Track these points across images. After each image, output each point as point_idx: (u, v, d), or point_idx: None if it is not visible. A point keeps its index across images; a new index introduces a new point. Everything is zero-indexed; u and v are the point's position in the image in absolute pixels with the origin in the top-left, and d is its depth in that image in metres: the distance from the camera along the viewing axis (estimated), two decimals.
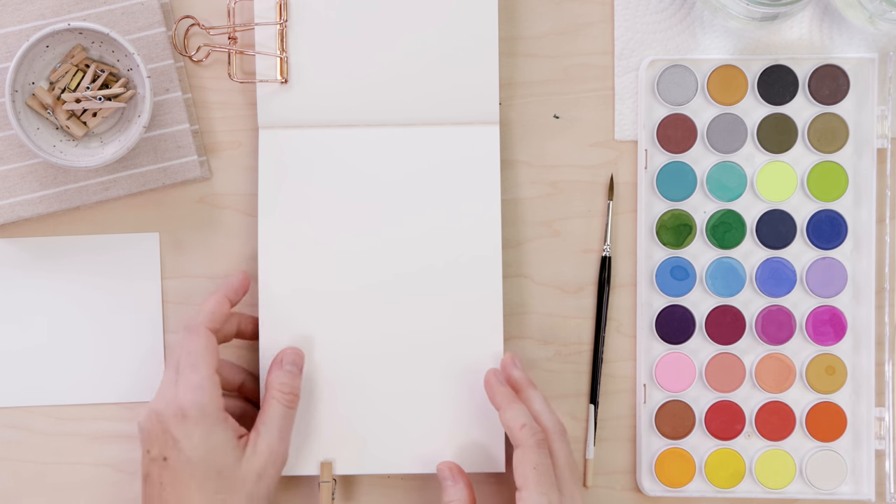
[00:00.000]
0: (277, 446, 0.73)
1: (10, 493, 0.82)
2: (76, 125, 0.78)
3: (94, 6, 0.79)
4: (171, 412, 0.71)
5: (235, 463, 0.72)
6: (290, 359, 0.76)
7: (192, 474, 0.70)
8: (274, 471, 0.73)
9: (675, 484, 0.82)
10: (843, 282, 0.82)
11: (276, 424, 0.74)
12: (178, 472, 0.71)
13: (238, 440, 0.72)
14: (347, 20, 0.79)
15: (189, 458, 0.70)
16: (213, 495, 0.70)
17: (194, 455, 0.70)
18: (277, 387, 0.75)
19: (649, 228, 0.82)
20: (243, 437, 0.73)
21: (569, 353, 0.83)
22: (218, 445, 0.71)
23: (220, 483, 0.71)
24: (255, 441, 0.73)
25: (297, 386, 0.76)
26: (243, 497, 0.71)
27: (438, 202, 0.79)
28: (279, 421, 0.74)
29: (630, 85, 0.82)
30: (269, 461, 0.73)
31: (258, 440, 0.73)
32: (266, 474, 0.73)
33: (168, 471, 0.71)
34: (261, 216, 0.79)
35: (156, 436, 0.72)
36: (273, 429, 0.73)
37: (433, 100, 0.79)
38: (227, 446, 0.72)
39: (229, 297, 0.77)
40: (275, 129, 0.80)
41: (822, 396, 0.83)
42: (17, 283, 0.82)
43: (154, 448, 0.72)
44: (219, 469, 0.71)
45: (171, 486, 0.71)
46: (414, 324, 0.79)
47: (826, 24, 0.82)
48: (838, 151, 0.82)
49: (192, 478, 0.70)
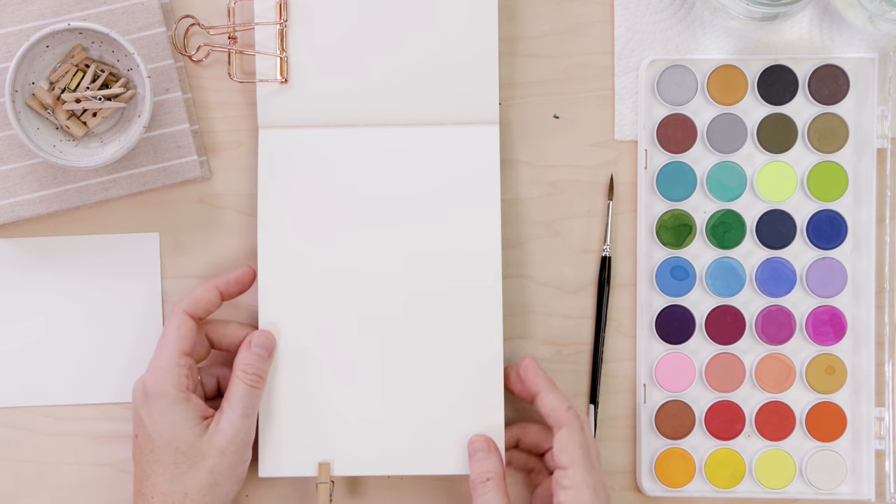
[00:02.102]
0: (240, 424, 0.75)
1: (10, 493, 0.82)
2: (76, 125, 0.78)
3: (94, 6, 0.79)
4: (137, 391, 0.75)
5: (196, 439, 0.74)
6: (258, 341, 0.78)
7: (152, 450, 0.74)
8: (236, 447, 0.75)
9: (675, 484, 0.82)
10: (843, 282, 0.82)
11: (240, 402, 0.76)
12: (142, 448, 0.75)
13: (202, 420, 0.75)
14: (347, 20, 0.79)
15: (149, 435, 0.74)
16: (173, 469, 0.74)
17: (153, 431, 0.74)
18: (242, 367, 0.77)
19: (649, 228, 0.82)
20: (208, 417, 0.76)
21: (569, 353, 0.83)
22: (177, 422, 0.74)
23: (179, 458, 0.74)
24: (218, 419, 0.75)
25: (262, 368, 0.77)
26: (203, 472, 0.74)
27: (438, 202, 0.79)
28: (243, 399, 0.76)
29: (630, 85, 0.82)
30: (231, 438, 0.75)
31: (221, 418, 0.75)
32: (228, 451, 0.75)
33: (137, 448, 0.76)
34: (261, 216, 0.79)
35: (133, 416, 0.76)
36: (237, 407, 0.75)
37: (433, 100, 0.79)
38: (186, 424, 0.74)
39: (220, 287, 0.78)
40: (275, 129, 0.80)
41: (822, 396, 0.83)
42: (17, 283, 0.82)
43: (134, 427, 0.76)
44: (177, 445, 0.74)
45: (138, 462, 0.75)
46: (414, 324, 0.79)
47: (826, 24, 0.82)
48: (838, 151, 0.82)
49: (152, 453, 0.74)
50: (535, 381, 0.77)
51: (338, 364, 0.79)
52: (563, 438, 0.74)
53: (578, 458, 0.73)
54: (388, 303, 0.79)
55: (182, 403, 0.74)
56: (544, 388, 0.76)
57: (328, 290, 0.79)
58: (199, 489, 0.74)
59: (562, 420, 0.75)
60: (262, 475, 0.79)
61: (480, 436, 0.78)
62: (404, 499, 0.82)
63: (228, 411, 0.75)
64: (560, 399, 0.75)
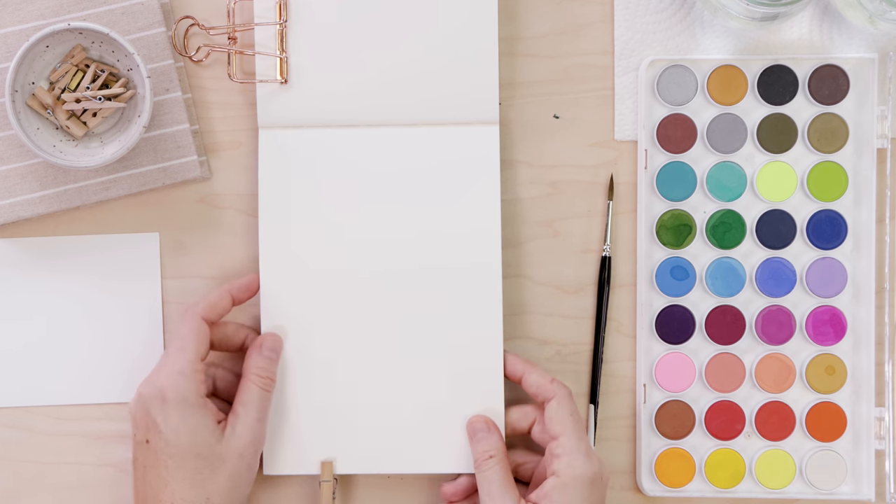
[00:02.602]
0: (257, 427, 0.75)
1: (10, 493, 0.82)
2: (76, 125, 0.78)
3: (94, 6, 0.79)
4: (152, 396, 0.74)
5: (215, 444, 0.74)
6: (268, 344, 0.78)
7: (171, 455, 0.73)
8: (253, 450, 0.75)
9: (675, 484, 0.82)
10: (843, 282, 0.82)
11: (255, 406, 0.75)
12: (158, 454, 0.73)
13: (217, 424, 0.74)
14: (347, 20, 0.79)
15: (168, 441, 0.73)
16: (194, 475, 0.73)
17: (173, 437, 0.73)
18: (255, 371, 0.76)
19: (649, 228, 0.82)
20: (222, 421, 0.75)
21: (569, 353, 0.83)
22: (197, 428, 0.73)
23: (200, 463, 0.73)
24: (233, 423, 0.75)
25: (273, 371, 0.78)
26: (224, 476, 0.74)
27: (438, 202, 0.79)
28: (257, 403, 0.76)
29: (630, 85, 0.82)
30: (248, 442, 0.75)
31: (237, 422, 0.75)
32: (246, 454, 0.74)
33: (150, 453, 0.73)
34: (261, 216, 0.79)
35: (140, 419, 0.74)
36: (252, 410, 0.75)
37: (433, 100, 0.79)
38: (206, 429, 0.73)
39: (233, 292, 0.78)
40: (275, 129, 0.80)
41: (822, 396, 0.83)
42: (17, 283, 0.82)
43: (139, 431, 0.74)
44: (198, 451, 0.73)
45: (153, 468, 0.73)
46: (414, 324, 0.79)
47: (826, 24, 0.82)
48: (838, 151, 0.82)
49: (171, 459, 0.73)
50: (515, 366, 0.79)
51: (340, 363, 0.79)
52: (552, 408, 0.76)
53: (569, 426, 0.75)
54: (388, 302, 0.79)
55: (202, 409, 0.74)
56: (527, 368, 0.78)
57: (329, 290, 0.79)
58: (220, 493, 0.73)
59: (549, 392, 0.77)
60: (266, 473, 0.79)
61: (479, 416, 0.78)
62: (404, 499, 0.82)
63: (244, 415, 0.75)
64: (543, 374, 0.77)
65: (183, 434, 0.73)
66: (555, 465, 0.74)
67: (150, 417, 0.74)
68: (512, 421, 0.79)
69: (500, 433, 0.78)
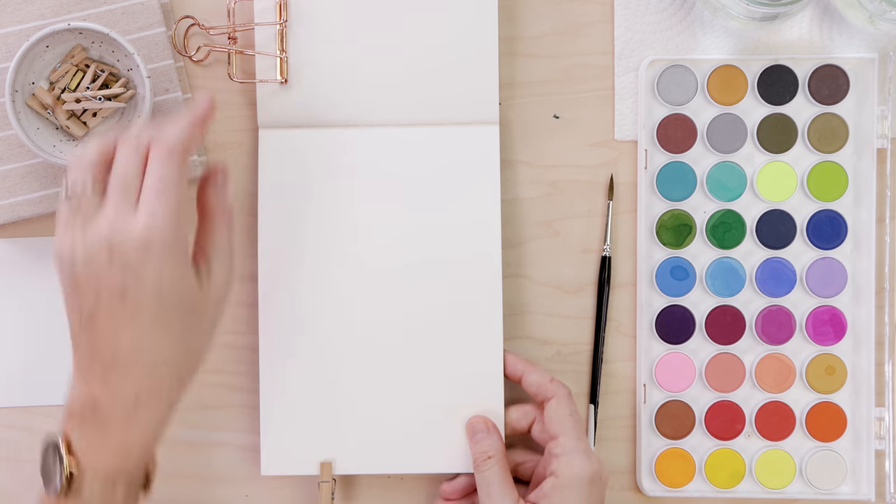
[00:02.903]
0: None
1: (10, 493, 0.82)
2: (76, 125, 0.78)
3: (94, 6, 0.79)
4: (132, 243, 0.65)
5: (198, 293, 0.68)
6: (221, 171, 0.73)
7: (157, 306, 0.66)
8: (226, 298, 0.71)
9: (675, 484, 0.82)
10: (843, 282, 0.82)
11: (227, 249, 0.71)
12: (140, 308, 0.65)
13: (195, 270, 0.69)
14: (347, 20, 0.79)
15: (151, 293, 0.65)
16: (180, 326, 0.67)
17: (159, 288, 0.66)
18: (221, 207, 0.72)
19: (649, 228, 0.82)
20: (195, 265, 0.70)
21: (568, 353, 0.83)
22: (184, 278, 0.67)
23: (186, 314, 0.67)
24: (208, 271, 0.70)
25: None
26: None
27: (438, 202, 0.79)
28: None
29: (630, 85, 0.82)
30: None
31: (212, 269, 0.70)
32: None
33: (126, 308, 0.65)
34: (261, 216, 0.79)
35: (104, 270, 0.65)
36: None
37: (433, 100, 0.79)
38: (190, 278, 0.68)
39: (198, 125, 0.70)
40: (275, 129, 0.80)
41: (822, 396, 0.83)
42: (18, 283, 0.82)
43: (104, 284, 0.65)
44: (183, 300, 0.67)
45: (130, 324, 0.66)
46: (414, 324, 0.79)
47: (826, 24, 0.82)
48: (838, 151, 0.82)
49: (157, 309, 0.66)
50: (515, 366, 0.79)
51: (339, 363, 0.79)
52: (552, 408, 0.76)
53: (569, 425, 0.75)
54: (388, 303, 0.79)
55: (185, 256, 0.67)
56: (527, 368, 0.78)
57: (329, 290, 0.79)
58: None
59: (548, 392, 0.77)
60: (264, 474, 0.79)
61: (479, 417, 0.79)
62: (404, 499, 0.82)
63: (219, 260, 0.70)
64: (543, 374, 0.78)
65: (170, 285, 0.66)
66: (554, 465, 0.74)
67: (128, 268, 0.65)
68: (512, 420, 0.79)
69: (500, 434, 0.78)
